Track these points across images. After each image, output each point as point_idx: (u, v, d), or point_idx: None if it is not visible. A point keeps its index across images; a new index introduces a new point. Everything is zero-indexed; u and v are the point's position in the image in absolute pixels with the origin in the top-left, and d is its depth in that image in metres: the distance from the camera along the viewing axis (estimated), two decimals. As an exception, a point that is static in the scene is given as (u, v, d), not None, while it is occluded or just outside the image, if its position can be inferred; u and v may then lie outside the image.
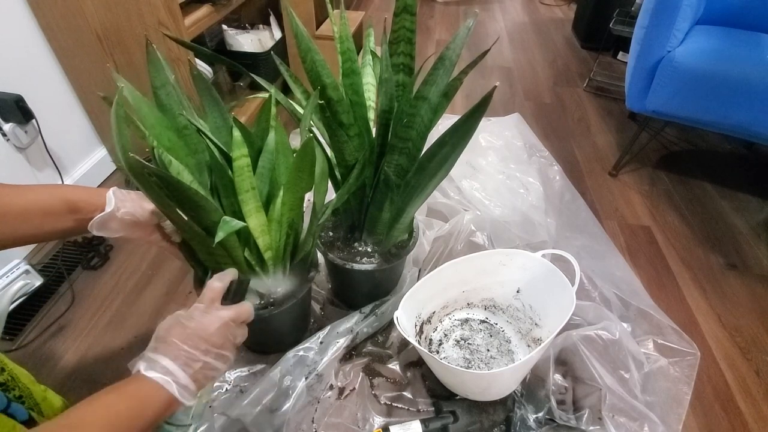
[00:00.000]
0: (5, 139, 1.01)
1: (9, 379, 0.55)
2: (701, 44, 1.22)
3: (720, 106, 1.17)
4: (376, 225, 0.79)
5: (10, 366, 0.56)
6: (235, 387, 0.80)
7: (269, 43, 1.59)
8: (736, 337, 0.97)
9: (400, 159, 0.71)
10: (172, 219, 0.57)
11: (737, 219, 1.28)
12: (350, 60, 0.68)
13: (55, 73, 1.14)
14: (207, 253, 0.62)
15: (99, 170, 1.30)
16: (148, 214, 0.61)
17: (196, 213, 0.54)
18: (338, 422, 0.77)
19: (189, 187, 0.50)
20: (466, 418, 0.74)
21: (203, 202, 0.52)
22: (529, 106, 1.82)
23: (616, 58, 2.21)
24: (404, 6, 0.61)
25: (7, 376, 0.55)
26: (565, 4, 3.02)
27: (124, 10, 1.01)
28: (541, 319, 0.84)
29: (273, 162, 0.64)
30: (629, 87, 1.32)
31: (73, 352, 0.89)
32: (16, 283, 0.93)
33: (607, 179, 1.42)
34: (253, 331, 0.60)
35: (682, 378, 0.84)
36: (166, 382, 0.46)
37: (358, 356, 0.87)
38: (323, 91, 0.65)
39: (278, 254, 0.68)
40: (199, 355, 0.49)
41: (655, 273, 1.11)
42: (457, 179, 1.23)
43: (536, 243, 1.08)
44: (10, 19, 1.01)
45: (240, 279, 0.60)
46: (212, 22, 1.19)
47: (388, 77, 0.66)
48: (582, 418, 0.76)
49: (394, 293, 0.94)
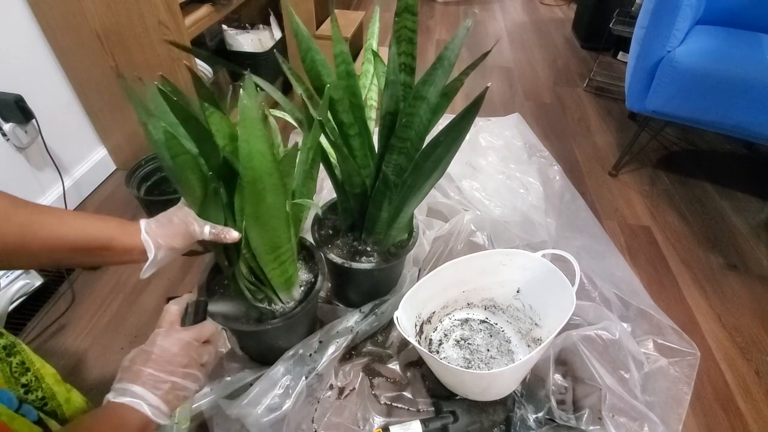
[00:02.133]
0: (5, 139, 1.01)
1: (33, 380, 0.55)
2: (701, 44, 1.22)
3: (720, 106, 1.17)
4: (375, 224, 0.79)
5: (36, 365, 0.56)
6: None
7: (269, 43, 1.59)
8: (736, 337, 0.97)
9: (399, 159, 0.71)
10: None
11: (737, 219, 1.28)
12: (345, 62, 0.68)
13: (55, 73, 1.14)
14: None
15: (99, 170, 1.30)
16: (183, 241, 0.58)
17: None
18: (338, 422, 0.77)
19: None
20: (466, 418, 0.74)
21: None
22: (529, 106, 1.82)
23: (616, 58, 2.21)
24: (406, 6, 0.61)
25: (31, 377, 0.55)
26: (565, 4, 3.02)
27: (124, 10, 1.01)
28: (541, 319, 0.84)
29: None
30: (629, 87, 1.32)
31: (73, 352, 0.89)
32: (16, 283, 0.93)
33: (607, 179, 1.42)
34: (257, 343, 0.60)
35: (682, 378, 0.84)
36: (137, 404, 0.47)
37: (358, 356, 0.87)
38: (323, 90, 0.65)
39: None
40: (165, 376, 0.50)
41: (655, 273, 1.11)
42: (457, 179, 1.23)
43: (536, 243, 1.08)
44: (10, 19, 1.01)
45: (197, 301, 0.60)
46: (212, 22, 1.19)
47: (395, 79, 0.66)
48: (582, 418, 0.76)
49: (394, 293, 0.94)
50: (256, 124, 0.50)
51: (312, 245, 0.81)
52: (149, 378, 0.49)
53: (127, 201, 1.25)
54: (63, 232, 0.49)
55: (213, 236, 0.60)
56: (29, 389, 0.54)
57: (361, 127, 0.72)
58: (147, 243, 0.54)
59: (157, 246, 0.55)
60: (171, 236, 0.57)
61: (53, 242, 0.49)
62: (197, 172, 0.57)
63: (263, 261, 0.64)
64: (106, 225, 0.53)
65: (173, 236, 0.57)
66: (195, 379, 0.53)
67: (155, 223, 0.56)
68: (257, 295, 0.71)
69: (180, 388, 0.51)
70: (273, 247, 0.63)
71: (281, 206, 0.59)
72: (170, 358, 0.51)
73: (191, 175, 0.57)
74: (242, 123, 0.49)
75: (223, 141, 0.57)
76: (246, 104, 0.49)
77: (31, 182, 1.10)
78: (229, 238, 0.61)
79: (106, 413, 0.46)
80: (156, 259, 0.55)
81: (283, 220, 0.61)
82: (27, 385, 0.54)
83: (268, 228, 0.60)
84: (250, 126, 0.50)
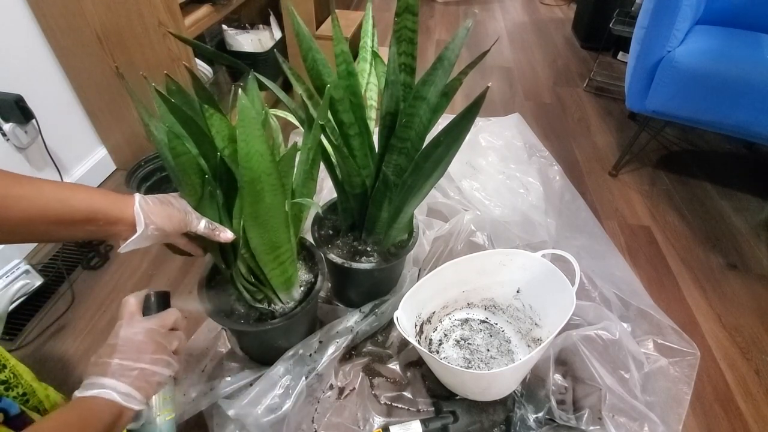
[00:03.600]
0: (5, 139, 1.01)
1: (11, 377, 0.55)
2: (701, 44, 1.22)
3: (720, 106, 1.17)
4: (375, 224, 0.79)
5: (12, 362, 0.56)
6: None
7: (269, 43, 1.59)
8: (736, 337, 0.97)
9: (399, 159, 0.71)
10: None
11: (737, 219, 1.28)
12: (346, 62, 0.68)
13: (55, 73, 1.14)
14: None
15: (99, 170, 1.30)
16: (176, 224, 0.57)
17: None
18: (338, 422, 0.77)
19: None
20: (466, 418, 0.74)
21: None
22: (529, 106, 1.82)
23: (616, 58, 2.21)
24: (406, 6, 0.61)
25: (8, 374, 0.54)
26: (565, 4, 3.02)
27: (124, 10, 1.01)
28: (541, 319, 0.84)
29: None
30: (629, 87, 1.32)
31: (73, 352, 0.89)
32: (16, 283, 0.93)
33: (607, 179, 1.42)
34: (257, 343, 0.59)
35: (682, 378, 0.84)
36: (107, 393, 0.46)
37: (358, 356, 0.87)
38: (324, 90, 0.65)
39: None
40: (132, 363, 0.49)
41: (655, 273, 1.11)
42: (457, 179, 1.23)
43: (536, 243, 1.08)
44: (10, 19, 1.00)
45: (158, 292, 0.59)
46: (212, 22, 1.19)
47: (395, 79, 0.66)
48: (582, 418, 0.76)
49: (394, 293, 0.94)
50: (254, 124, 0.50)
51: (312, 245, 0.81)
52: (116, 368, 0.48)
53: (127, 201, 1.25)
54: (42, 204, 0.46)
55: (207, 231, 0.59)
56: (9, 386, 0.54)
57: (362, 127, 0.72)
58: (138, 216, 0.52)
59: (148, 221, 0.52)
60: (165, 216, 0.55)
61: (32, 214, 0.46)
62: (199, 173, 0.57)
63: (263, 261, 0.64)
64: (89, 195, 0.50)
65: (167, 217, 0.55)
66: (166, 364, 0.52)
67: (151, 200, 0.54)
68: (257, 296, 0.71)
69: (150, 374, 0.50)
70: (272, 247, 0.63)
71: (280, 206, 0.59)
72: (136, 345, 0.50)
73: (193, 175, 0.57)
74: (241, 123, 0.49)
75: (223, 143, 0.57)
76: (245, 104, 0.49)
77: (31, 182, 1.10)
78: (223, 238, 0.60)
79: (74, 405, 0.45)
80: (144, 234, 0.53)
81: (282, 220, 0.61)
82: (6, 382, 0.54)
83: (268, 228, 0.60)
84: (249, 126, 0.50)
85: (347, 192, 0.78)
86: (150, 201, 0.54)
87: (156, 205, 0.54)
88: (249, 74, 0.64)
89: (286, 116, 0.81)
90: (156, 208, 0.54)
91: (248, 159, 0.52)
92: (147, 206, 0.53)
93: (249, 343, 0.83)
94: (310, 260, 0.80)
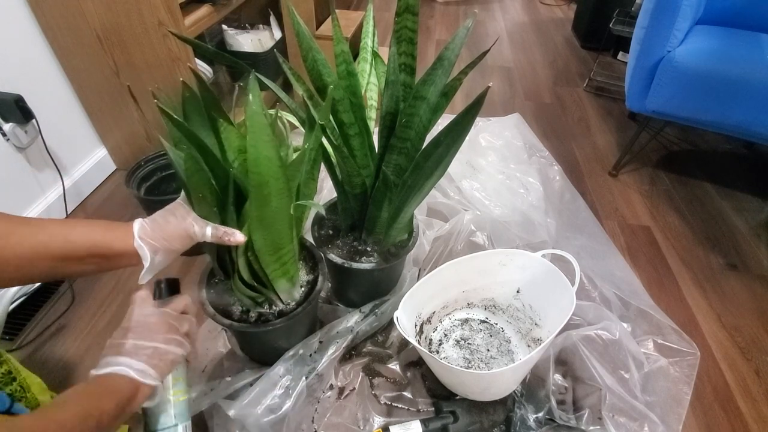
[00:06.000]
0: (5, 139, 1.01)
1: (18, 389, 0.55)
2: (701, 44, 1.22)
3: (720, 106, 1.17)
4: (375, 224, 0.79)
5: (23, 374, 0.56)
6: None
7: (269, 43, 1.59)
8: (736, 337, 0.97)
9: (399, 159, 0.71)
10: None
11: (737, 219, 1.28)
12: (346, 62, 0.68)
13: (55, 73, 1.14)
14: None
15: (99, 170, 1.30)
16: (182, 242, 0.56)
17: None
18: (338, 422, 0.77)
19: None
20: (466, 418, 0.74)
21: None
22: (529, 106, 1.82)
23: (616, 58, 2.21)
24: (406, 6, 0.61)
25: (17, 386, 0.55)
26: (565, 4, 3.01)
27: (124, 10, 1.01)
28: (541, 319, 0.84)
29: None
30: (629, 87, 1.32)
31: (73, 352, 0.89)
32: (16, 283, 0.93)
33: (607, 179, 1.42)
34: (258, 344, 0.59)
35: (682, 378, 0.84)
36: (123, 370, 0.47)
37: (358, 356, 0.87)
38: (324, 90, 0.65)
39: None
40: (147, 342, 0.50)
41: (655, 273, 1.11)
42: (457, 179, 1.23)
43: (536, 243, 1.08)
44: (10, 19, 1.00)
45: (168, 279, 0.59)
46: (212, 22, 1.19)
47: (395, 79, 0.66)
48: (582, 418, 0.76)
49: (394, 293, 0.94)
50: (263, 129, 0.50)
51: (312, 245, 0.81)
52: (131, 347, 0.49)
53: (126, 201, 1.25)
54: (44, 240, 0.46)
55: (216, 238, 0.57)
56: (14, 399, 0.54)
57: (362, 127, 0.72)
58: (141, 249, 0.51)
59: (153, 250, 0.52)
60: (168, 238, 0.53)
61: (34, 252, 0.45)
62: (211, 191, 0.57)
63: (265, 262, 0.64)
64: (89, 230, 0.49)
65: (170, 238, 0.54)
66: (178, 344, 0.53)
67: (151, 224, 0.53)
68: (257, 299, 0.71)
69: (164, 352, 0.51)
70: (275, 248, 0.63)
71: (286, 209, 0.59)
72: (149, 326, 0.52)
73: (206, 192, 0.57)
74: (250, 129, 0.49)
75: (233, 155, 0.58)
76: (254, 110, 0.49)
77: (31, 182, 1.10)
78: (233, 241, 0.58)
79: (91, 382, 0.46)
80: (153, 264, 0.52)
81: (286, 222, 0.61)
82: (12, 395, 0.54)
83: (272, 230, 0.60)
84: (258, 131, 0.50)
85: (347, 192, 0.78)
86: (150, 226, 0.53)
87: (157, 229, 0.53)
88: (249, 74, 0.64)
89: (287, 116, 0.81)
90: (158, 232, 0.53)
91: (257, 164, 0.52)
92: (148, 233, 0.52)
93: (249, 344, 0.83)
94: (310, 260, 0.80)
